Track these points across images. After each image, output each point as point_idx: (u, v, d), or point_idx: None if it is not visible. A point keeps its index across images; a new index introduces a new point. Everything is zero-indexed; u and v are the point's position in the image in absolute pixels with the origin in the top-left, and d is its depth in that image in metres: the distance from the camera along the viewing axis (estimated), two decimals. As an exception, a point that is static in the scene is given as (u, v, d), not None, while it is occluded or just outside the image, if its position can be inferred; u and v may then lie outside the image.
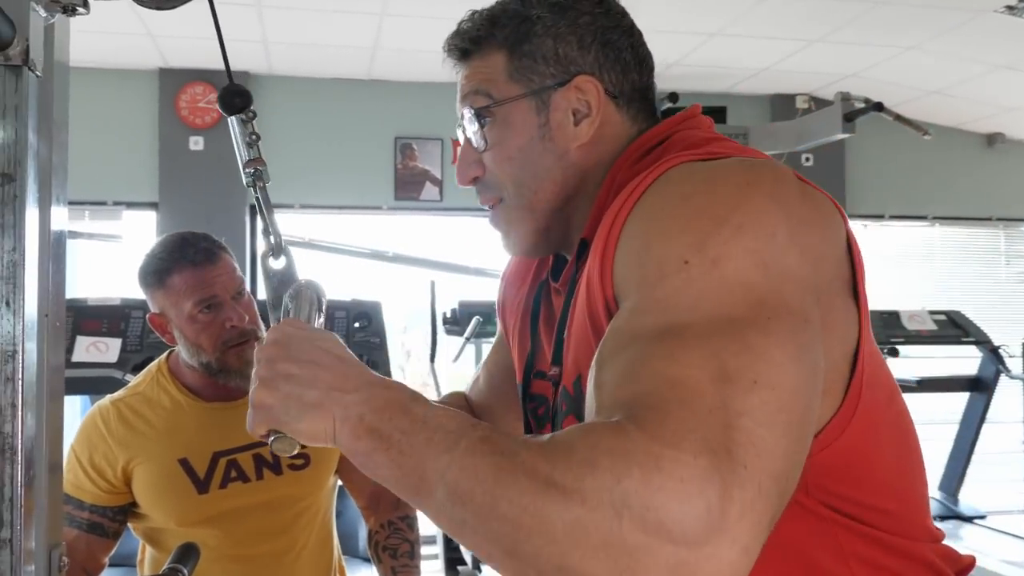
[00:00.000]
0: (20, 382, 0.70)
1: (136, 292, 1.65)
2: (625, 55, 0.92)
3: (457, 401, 1.24)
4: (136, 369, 2.76)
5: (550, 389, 0.95)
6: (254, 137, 0.98)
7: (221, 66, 0.96)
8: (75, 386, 2.83)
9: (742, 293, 0.65)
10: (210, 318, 1.54)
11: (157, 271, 1.57)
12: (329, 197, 4.88)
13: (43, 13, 0.74)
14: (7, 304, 0.70)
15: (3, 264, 0.70)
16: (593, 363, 0.68)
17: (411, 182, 4.85)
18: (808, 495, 0.74)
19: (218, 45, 0.91)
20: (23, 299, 0.70)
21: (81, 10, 0.77)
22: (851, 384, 0.75)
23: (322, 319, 0.93)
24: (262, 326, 1.61)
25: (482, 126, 0.91)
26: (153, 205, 4.67)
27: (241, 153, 0.99)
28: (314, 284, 0.96)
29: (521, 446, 0.60)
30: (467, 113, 0.92)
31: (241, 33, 4.21)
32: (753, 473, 0.56)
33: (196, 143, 4.65)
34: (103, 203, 4.66)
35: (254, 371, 0.74)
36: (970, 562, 0.86)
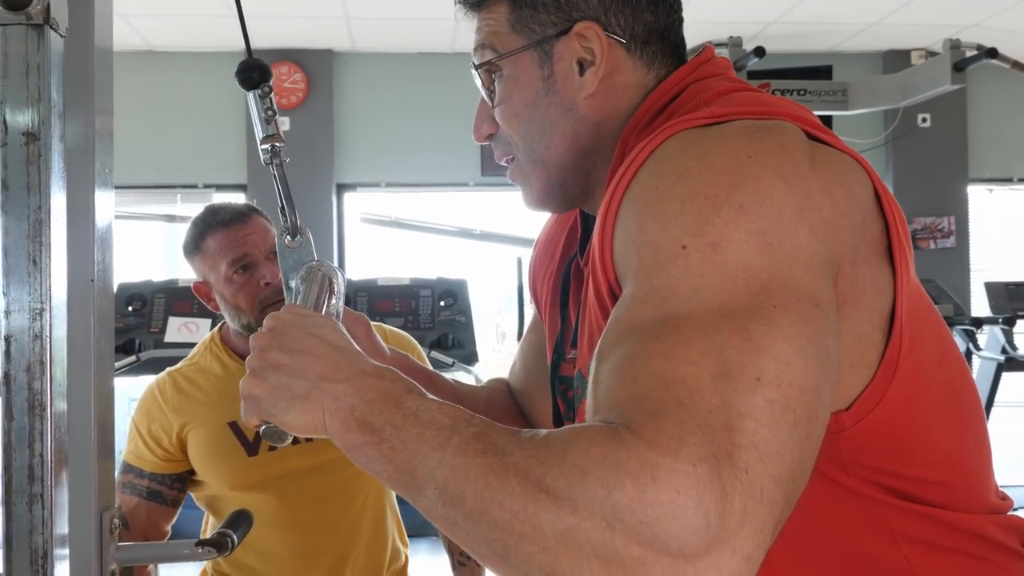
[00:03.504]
0: (49, 339, 0.71)
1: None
2: None
3: (498, 389, 1.20)
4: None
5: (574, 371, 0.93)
6: (271, 113, 0.97)
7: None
8: (167, 364, 2.92)
9: (744, 279, 0.61)
10: (245, 278, 1.56)
11: (193, 238, 1.60)
12: (415, 175, 4.88)
13: None
14: (34, 262, 0.70)
15: (29, 222, 0.70)
16: (594, 356, 0.65)
17: (497, 157, 4.79)
18: (848, 474, 0.71)
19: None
20: (49, 258, 0.71)
21: None
22: (887, 352, 0.70)
23: (337, 302, 0.91)
24: None
25: (490, 81, 0.88)
26: (242, 187, 4.76)
27: (259, 129, 0.98)
28: (327, 266, 0.94)
29: (516, 445, 0.58)
30: (475, 68, 0.89)
31: (322, 10, 4.20)
32: (755, 479, 0.54)
33: (282, 123, 4.68)
34: (194, 186, 4.77)
35: (247, 360, 0.73)
36: None
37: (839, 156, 0.72)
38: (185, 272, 3.97)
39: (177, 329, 3.29)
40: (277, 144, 0.98)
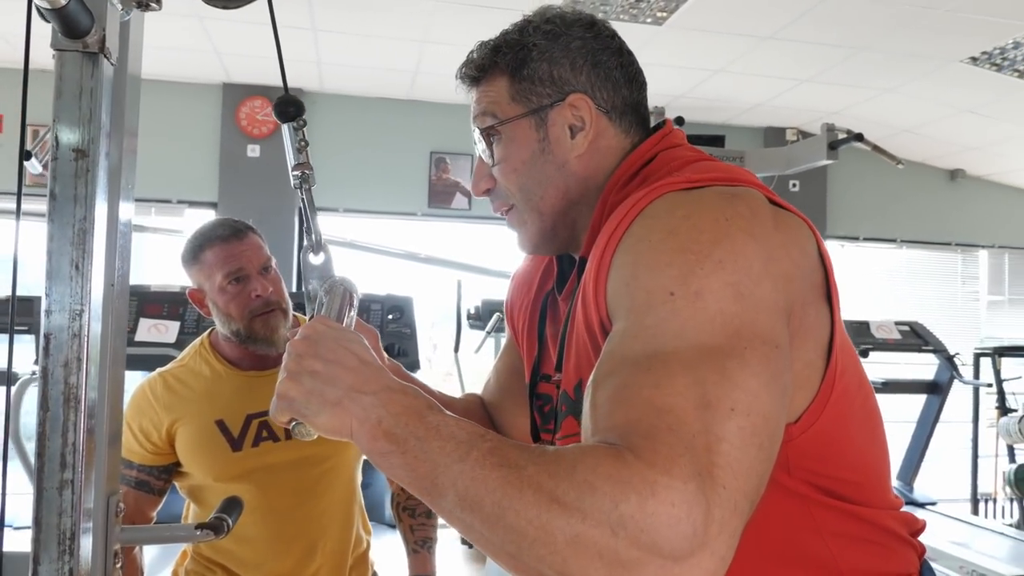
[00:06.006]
0: (86, 338, 0.69)
1: (194, 280, 1.58)
2: (615, 73, 0.88)
3: (473, 401, 1.19)
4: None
5: (554, 390, 0.93)
6: (303, 143, 0.96)
7: (278, 82, 0.88)
8: (137, 363, 2.76)
9: (721, 323, 0.63)
10: (238, 289, 1.50)
11: (192, 249, 1.54)
12: (370, 203, 4.81)
13: (120, 7, 0.72)
14: (76, 267, 0.68)
15: (74, 231, 0.68)
16: (590, 382, 0.66)
17: (443, 192, 4.77)
18: (791, 476, 0.74)
19: (277, 64, 0.84)
20: (91, 264, 0.69)
21: (154, 5, 0.75)
22: (826, 376, 0.74)
23: (354, 313, 0.89)
24: (287, 299, 1.58)
25: (490, 143, 0.89)
26: (213, 205, 4.59)
27: (291, 157, 0.95)
28: (347, 281, 0.92)
29: (527, 460, 0.58)
30: (477, 133, 0.90)
31: (297, 53, 4.12)
32: (731, 493, 0.56)
33: (253, 151, 4.56)
34: (168, 201, 4.58)
35: (283, 363, 0.70)
36: (922, 526, 0.87)
37: (793, 218, 0.75)
38: (156, 278, 3.80)
39: (147, 330, 3.13)
40: (307, 171, 0.95)
